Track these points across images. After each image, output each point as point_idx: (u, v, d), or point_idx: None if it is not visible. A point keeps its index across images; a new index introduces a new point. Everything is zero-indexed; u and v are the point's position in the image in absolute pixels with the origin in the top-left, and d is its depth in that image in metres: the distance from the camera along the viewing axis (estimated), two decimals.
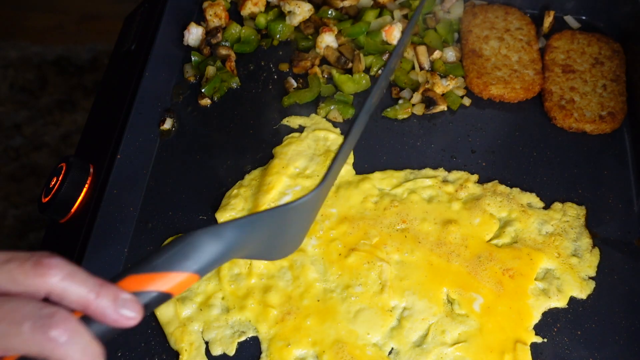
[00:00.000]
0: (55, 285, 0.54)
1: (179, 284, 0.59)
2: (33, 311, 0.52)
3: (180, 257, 0.59)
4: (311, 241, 1.02)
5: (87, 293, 0.55)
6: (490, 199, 1.06)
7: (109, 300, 0.55)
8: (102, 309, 0.55)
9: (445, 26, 1.26)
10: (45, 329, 0.51)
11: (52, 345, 0.52)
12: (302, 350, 0.93)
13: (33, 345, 0.51)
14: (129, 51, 1.23)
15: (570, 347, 0.94)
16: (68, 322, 0.53)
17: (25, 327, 0.51)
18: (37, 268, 0.53)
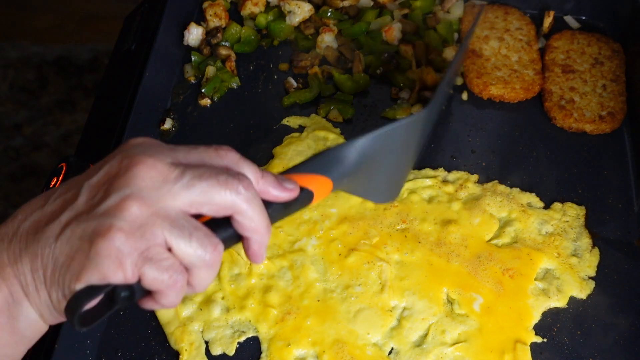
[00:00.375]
0: (232, 165, 0.66)
1: (320, 187, 0.71)
2: (226, 171, 0.64)
3: (324, 164, 0.71)
4: (311, 241, 1.02)
5: (256, 171, 0.67)
6: (490, 199, 1.06)
7: (272, 177, 0.68)
8: (268, 183, 0.67)
9: (445, 26, 1.26)
10: (236, 183, 0.63)
11: (240, 200, 0.63)
12: (302, 350, 0.93)
13: (224, 197, 0.63)
14: (129, 51, 1.23)
15: (570, 347, 0.94)
16: (251, 185, 0.65)
17: (221, 179, 0.63)
18: (219, 151, 0.66)
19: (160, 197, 0.61)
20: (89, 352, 0.93)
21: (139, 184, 0.61)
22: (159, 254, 0.61)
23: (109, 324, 0.96)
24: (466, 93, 1.19)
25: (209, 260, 0.63)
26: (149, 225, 0.60)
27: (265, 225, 0.66)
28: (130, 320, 0.96)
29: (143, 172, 0.62)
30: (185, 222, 0.62)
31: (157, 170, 0.62)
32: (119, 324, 0.96)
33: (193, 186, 0.62)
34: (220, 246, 0.64)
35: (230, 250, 1.00)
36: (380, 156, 0.75)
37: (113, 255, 0.59)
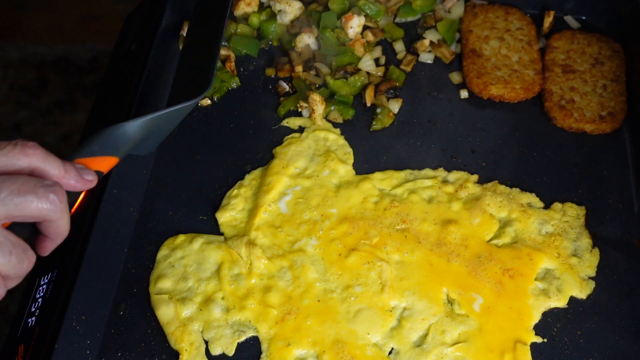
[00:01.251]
0: (38, 164, 0.69)
1: (108, 164, 0.79)
2: (38, 182, 0.67)
3: (109, 144, 0.79)
4: (311, 241, 1.02)
5: (60, 166, 0.70)
6: (490, 199, 1.06)
7: (75, 172, 0.72)
8: (72, 178, 0.71)
9: (445, 25, 1.26)
10: (49, 195, 0.67)
11: (53, 211, 0.67)
12: (302, 350, 0.93)
13: (39, 209, 0.66)
14: (129, 51, 1.23)
15: (570, 347, 0.94)
16: (63, 194, 0.69)
17: (38, 192, 0.66)
18: (25, 149, 0.68)
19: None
20: (89, 352, 0.93)
21: None
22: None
23: (108, 324, 0.96)
24: (466, 91, 1.19)
25: (24, 273, 0.67)
26: None
27: (68, 229, 0.71)
28: (130, 320, 0.96)
29: None
30: (3, 238, 0.65)
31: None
32: (119, 324, 0.96)
33: (7, 200, 0.65)
34: (34, 258, 0.68)
35: (230, 251, 1.00)
36: (156, 129, 0.86)
37: None
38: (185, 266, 1.00)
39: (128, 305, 0.97)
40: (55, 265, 0.98)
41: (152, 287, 0.99)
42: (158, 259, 1.01)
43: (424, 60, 1.24)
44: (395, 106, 1.17)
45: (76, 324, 0.91)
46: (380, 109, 1.15)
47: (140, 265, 1.01)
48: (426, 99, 1.19)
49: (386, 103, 1.16)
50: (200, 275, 0.99)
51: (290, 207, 1.05)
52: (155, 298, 0.97)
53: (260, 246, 1.00)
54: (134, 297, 0.98)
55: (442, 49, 1.24)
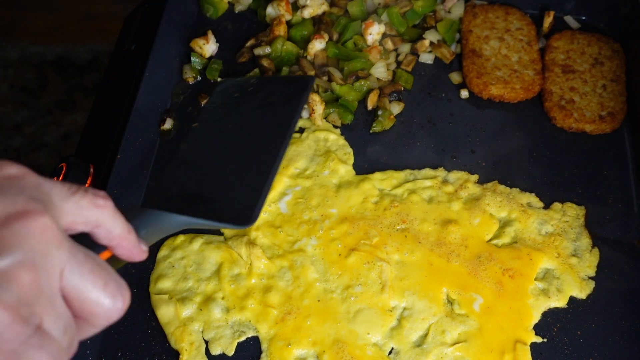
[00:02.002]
0: (108, 219, 0.60)
1: None
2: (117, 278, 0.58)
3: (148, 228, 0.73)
4: (311, 241, 1.02)
5: (123, 227, 0.62)
6: (490, 199, 1.06)
7: (135, 238, 0.64)
8: (131, 244, 0.64)
9: (446, 25, 1.26)
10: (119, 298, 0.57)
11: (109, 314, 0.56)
12: (302, 350, 0.93)
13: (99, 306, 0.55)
14: (129, 51, 1.23)
15: (570, 347, 0.94)
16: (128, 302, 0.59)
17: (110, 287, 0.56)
18: (97, 202, 0.59)
19: (51, 269, 0.51)
20: (89, 352, 0.93)
21: (35, 247, 0.51)
22: (42, 342, 0.50)
23: None
24: (466, 91, 1.19)
25: (115, 314, 0.57)
26: (37, 306, 0.50)
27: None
28: (130, 320, 0.96)
29: (40, 231, 0.51)
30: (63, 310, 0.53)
31: (52, 232, 0.52)
32: (119, 324, 0.96)
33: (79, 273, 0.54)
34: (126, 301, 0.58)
35: (230, 251, 1.00)
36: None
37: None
38: (185, 266, 1.00)
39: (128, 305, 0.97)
40: None
41: (152, 287, 0.99)
42: (158, 259, 1.01)
43: (424, 60, 1.24)
44: (397, 109, 1.16)
45: None
46: (381, 111, 1.15)
47: (140, 265, 1.01)
48: (426, 99, 1.19)
49: (388, 105, 1.16)
50: (200, 275, 0.99)
51: (291, 207, 1.05)
52: (155, 298, 0.97)
53: (260, 246, 1.01)
54: (134, 297, 0.97)
55: (442, 49, 1.24)
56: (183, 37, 1.26)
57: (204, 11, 1.30)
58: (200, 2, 1.30)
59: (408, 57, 1.23)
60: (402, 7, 1.27)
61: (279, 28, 1.24)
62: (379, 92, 1.18)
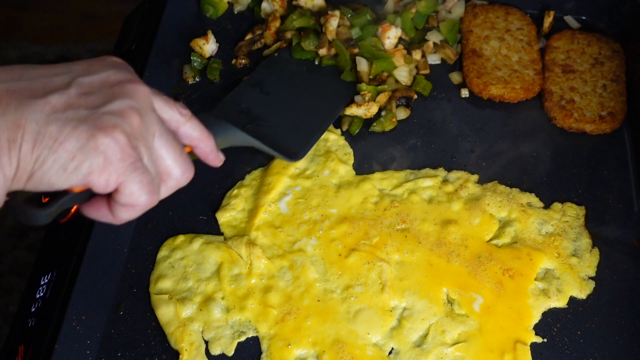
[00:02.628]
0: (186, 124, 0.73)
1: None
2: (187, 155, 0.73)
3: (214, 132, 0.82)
4: (311, 241, 1.02)
5: (201, 135, 0.75)
6: (490, 199, 1.06)
7: (213, 143, 0.78)
8: (208, 147, 0.77)
9: (447, 25, 1.25)
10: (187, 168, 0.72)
11: (177, 180, 0.71)
12: (302, 350, 0.93)
13: (172, 168, 0.70)
14: (129, 51, 1.23)
15: (570, 347, 0.94)
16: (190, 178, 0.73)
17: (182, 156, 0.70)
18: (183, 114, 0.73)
19: (149, 121, 0.66)
20: (89, 352, 0.93)
21: (140, 101, 0.65)
22: (145, 168, 0.65)
23: (108, 324, 0.96)
24: (466, 91, 1.19)
25: (183, 182, 0.71)
26: (142, 139, 0.65)
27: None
28: (130, 320, 0.96)
29: (142, 93, 0.66)
30: (176, 142, 0.69)
31: (149, 98, 0.67)
32: (119, 324, 0.96)
33: (164, 137, 0.68)
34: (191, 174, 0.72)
35: (230, 251, 1.00)
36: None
37: (108, 153, 0.61)
38: (185, 266, 1.00)
39: (128, 305, 0.97)
40: (55, 265, 0.98)
41: (152, 287, 0.99)
42: (158, 260, 1.01)
43: (431, 61, 1.23)
44: (402, 114, 1.16)
45: (76, 324, 0.91)
46: (385, 113, 1.15)
47: (140, 265, 1.01)
48: (426, 99, 1.19)
49: (394, 109, 1.16)
50: (200, 276, 0.99)
51: (291, 207, 1.05)
52: (155, 298, 0.97)
53: (260, 246, 1.01)
54: (134, 297, 0.98)
55: (445, 49, 1.23)
56: (183, 37, 1.26)
57: (204, 11, 1.30)
58: (200, 2, 1.30)
59: (422, 60, 1.22)
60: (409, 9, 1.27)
61: (274, 23, 1.24)
62: (390, 94, 1.17)
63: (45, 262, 1.02)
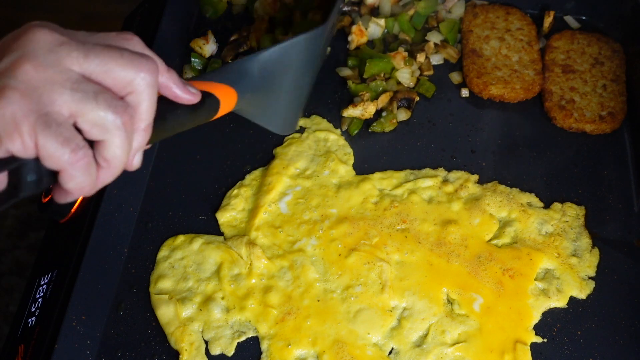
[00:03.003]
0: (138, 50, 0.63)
1: (225, 95, 0.74)
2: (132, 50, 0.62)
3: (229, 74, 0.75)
4: (311, 241, 1.02)
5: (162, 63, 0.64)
6: (490, 199, 1.06)
7: (177, 77, 0.66)
8: (173, 80, 0.65)
9: (447, 25, 1.25)
10: (141, 60, 0.60)
11: (140, 78, 0.60)
12: (302, 351, 0.93)
13: (126, 70, 0.59)
14: None
15: (570, 347, 0.94)
16: (156, 69, 0.62)
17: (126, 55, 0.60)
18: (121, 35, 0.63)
19: (57, 60, 0.57)
20: (89, 352, 0.93)
21: (34, 46, 0.57)
22: (58, 119, 0.56)
23: (108, 324, 0.96)
24: (466, 90, 1.19)
25: (120, 123, 0.58)
26: (47, 87, 0.56)
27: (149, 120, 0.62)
28: (130, 320, 0.96)
29: (39, 35, 0.58)
30: (88, 85, 0.58)
31: (53, 35, 0.58)
32: (119, 324, 0.96)
33: (94, 54, 0.58)
34: (130, 109, 0.60)
35: (230, 251, 1.00)
36: (281, 73, 0.81)
37: (8, 116, 0.55)
38: (185, 266, 1.00)
39: (128, 305, 0.97)
40: (55, 265, 0.98)
41: (152, 287, 0.99)
42: (158, 260, 1.01)
43: (434, 62, 1.23)
44: (402, 116, 1.16)
45: (76, 324, 0.91)
46: (385, 113, 1.15)
47: (140, 265, 1.01)
48: (426, 99, 1.19)
49: (395, 110, 1.16)
50: (200, 276, 0.99)
51: (291, 207, 1.05)
52: (155, 298, 0.97)
53: (260, 246, 1.01)
54: (134, 297, 0.98)
55: (447, 49, 1.23)
56: (183, 37, 1.26)
57: (203, 12, 1.30)
58: (200, 2, 1.30)
59: (425, 62, 1.22)
60: (408, 11, 1.27)
61: (261, 26, 1.24)
62: (392, 94, 1.17)
63: (45, 262, 1.02)
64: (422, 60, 1.21)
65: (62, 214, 1.03)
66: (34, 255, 1.72)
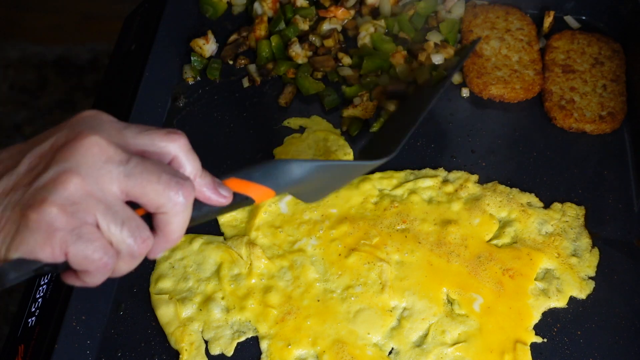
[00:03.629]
0: (180, 153, 0.66)
1: (263, 195, 0.74)
2: (171, 171, 0.64)
3: (272, 176, 0.74)
4: (311, 241, 1.02)
5: (197, 168, 0.67)
6: (490, 199, 1.06)
7: (210, 179, 0.69)
8: (204, 185, 0.68)
9: (447, 25, 1.25)
10: (176, 187, 0.63)
11: (174, 203, 0.64)
12: (302, 351, 0.93)
13: (160, 195, 0.63)
14: (129, 51, 1.23)
15: (570, 347, 0.94)
16: (192, 193, 0.65)
17: (163, 178, 0.63)
18: (171, 134, 0.66)
19: (100, 177, 0.61)
20: (89, 352, 0.93)
21: (80, 160, 0.60)
22: (91, 233, 0.60)
23: (108, 324, 0.96)
24: (466, 90, 1.19)
25: (136, 251, 0.63)
26: (84, 203, 0.60)
27: (179, 237, 0.67)
28: (130, 320, 0.96)
29: (86, 148, 0.61)
30: (120, 208, 0.62)
31: (101, 148, 0.61)
32: (119, 324, 0.96)
33: (134, 175, 0.62)
34: (150, 241, 0.64)
35: (230, 251, 1.00)
36: (324, 179, 0.81)
37: (43, 229, 0.59)
38: (185, 266, 1.00)
39: (128, 305, 0.97)
40: None
41: (153, 287, 0.99)
42: (158, 260, 1.01)
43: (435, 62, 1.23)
44: (391, 107, 1.16)
45: (76, 324, 0.91)
46: (383, 111, 1.15)
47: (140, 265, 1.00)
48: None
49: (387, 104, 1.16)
50: (200, 276, 0.99)
51: (291, 207, 1.05)
52: (156, 298, 0.97)
53: (260, 246, 1.01)
54: (134, 297, 0.98)
55: (448, 49, 1.23)
56: (183, 37, 1.26)
57: (203, 12, 1.30)
58: (200, 2, 1.30)
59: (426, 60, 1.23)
60: (407, 11, 1.27)
61: (260, 26, 1.24)
62: (383, 89, 1.17)
63: None
64: (423, 59, 1.22)
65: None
66: None
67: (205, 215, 0.71)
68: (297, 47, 1.20)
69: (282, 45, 1.23)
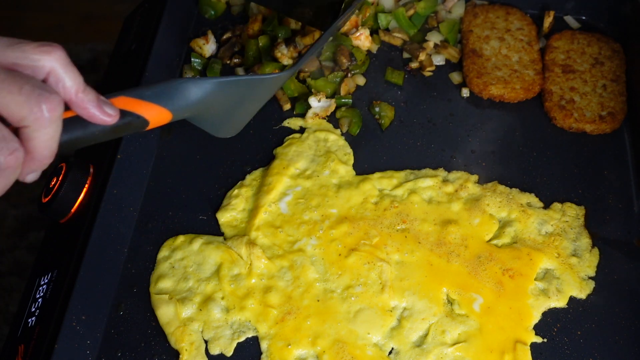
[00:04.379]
0: (56, 67, 0.62)
1: (157, 116, 0.70)
2: (36, 83, 0.60)
3: (165, 95, 0.70)
4: (311, 241, 1.02)
5: (78, 83, 0.63)
6: (490, 199, 1.06)
7: (94, 96, 0.64)
8: (87, 101, 0.64)
9: (447, 25, 1.25)
10: (40, 98, 0.59)
11: (36, 116, 0.60)
12: (302, 351, 0.93)
13: (21, 107, 0.59)
14: (129, 51, 1.23)
15: (570, 347, 0.94)
16: (58, 106, 0.61)
17: (25, 89, 0.59)
18: (44, 46, 0.62)
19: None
20: (89, 352, 0.93)
21: None
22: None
23: (108, 324, 0.96)
24: (466, 90, 1.19)
25: (2, 163, 0.59)
26: None
27: (47, 156, 0.63)
28: (130, 320, 0.96)
29: None
30: None
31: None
32: (119, 324, 0.96)
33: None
34: (18, 153, 0.60)
35: (230, 251, 1.00)
36: (227, 101, 0.76)
37: None
38: (185, 267, 1.00)
39: (128, 305, 0.97)
40: (55, 265, 0.98)
41: (153, 287, 0.99)
42: (158, 260, 1.01)
43: (436, 62, 1.23)
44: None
45: (76, 324, 0.91)
46: (379, 108, 1.16)
47: (140, 265, 1.01)
48: (426, 99, 1.19)
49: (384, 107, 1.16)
50: (200, 276, 0.99)
51: (291, 208, 1.05)
52: (156, 298, 0.97)
53: (260, 246, 1.01)
54: (134, 297, 0.98)
55: (448, 49, 1.24)
56: (183, 37, 1.26)
57: (202, 13, 1.30)
58: (199, 3, 1.30)
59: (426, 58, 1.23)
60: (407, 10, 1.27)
61: (253, 25, 1.24)
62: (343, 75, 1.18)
63: (45, 262, 1.02)
64: (424, 58, 1.22)
65: (62, 214, 1.02)
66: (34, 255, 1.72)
67: (93, 135, 0.66)
68: (283, 48, 1.20)
69: (269, 46, 1.22)
